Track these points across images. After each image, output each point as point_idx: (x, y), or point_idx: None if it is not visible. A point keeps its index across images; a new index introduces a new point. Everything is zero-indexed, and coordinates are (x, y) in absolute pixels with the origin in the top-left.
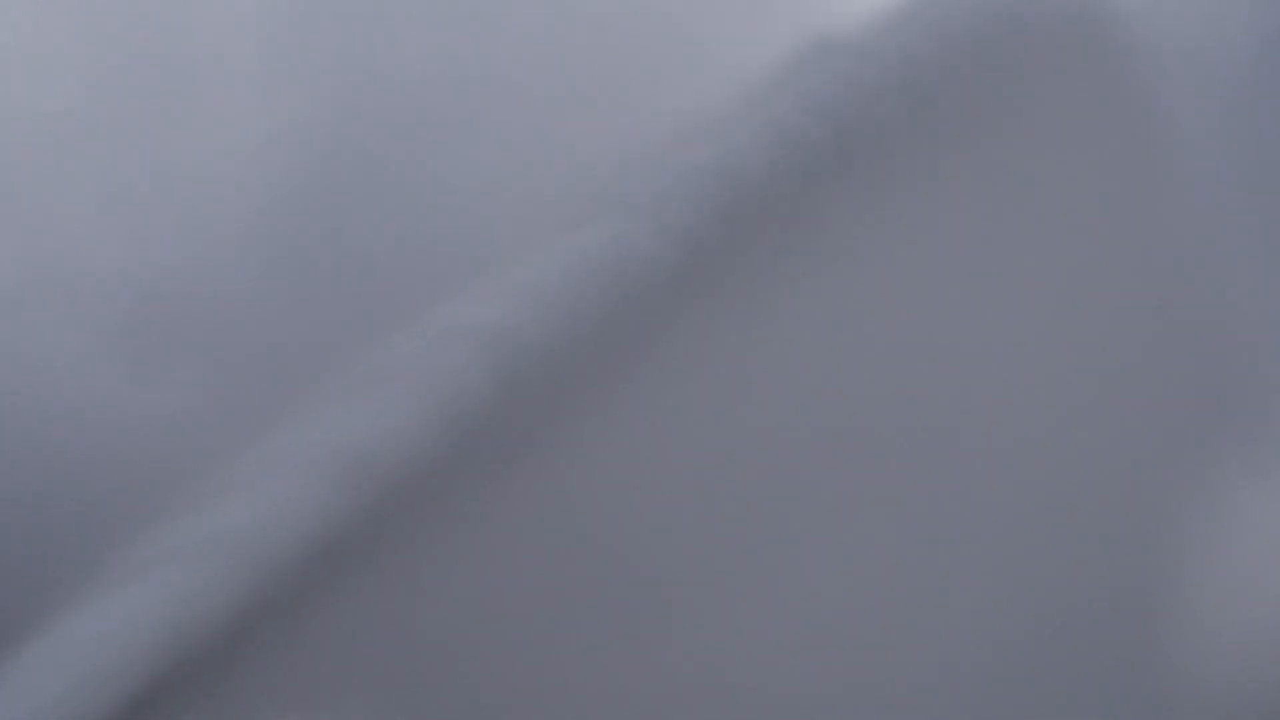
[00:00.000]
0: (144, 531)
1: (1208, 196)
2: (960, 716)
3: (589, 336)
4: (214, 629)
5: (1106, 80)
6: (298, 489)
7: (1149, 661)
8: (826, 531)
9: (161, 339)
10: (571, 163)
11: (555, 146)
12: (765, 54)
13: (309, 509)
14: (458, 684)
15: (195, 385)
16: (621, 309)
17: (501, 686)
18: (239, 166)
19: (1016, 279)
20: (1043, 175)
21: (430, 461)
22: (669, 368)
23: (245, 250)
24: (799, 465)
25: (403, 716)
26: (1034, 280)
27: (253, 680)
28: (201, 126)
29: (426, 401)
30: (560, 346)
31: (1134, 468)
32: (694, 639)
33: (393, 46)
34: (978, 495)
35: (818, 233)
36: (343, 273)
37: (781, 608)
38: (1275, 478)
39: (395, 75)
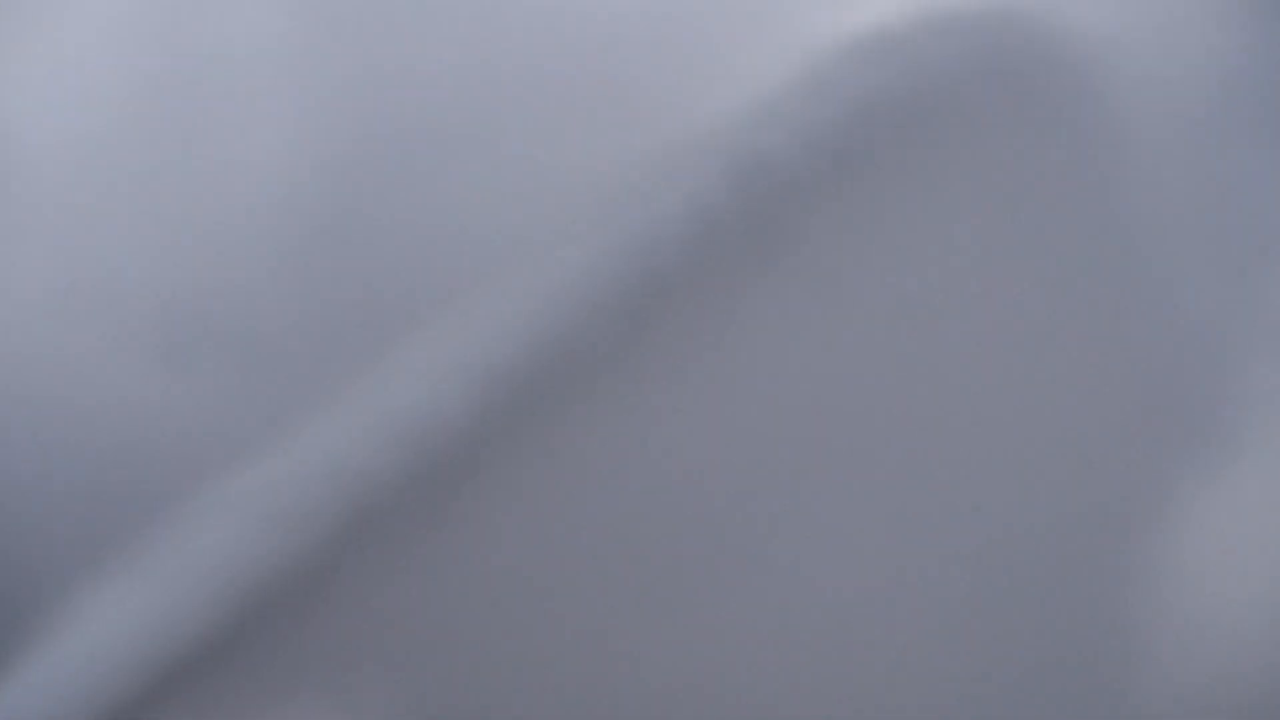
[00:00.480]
0: (167, 517)
1: (1171, 235)
2: (949, 716)
3: (594, 339)
4: (232, 614)
5: (1067, 119)
6: (315, 484)
7: (1126, 666)
8: (813, 533)
9: (190, 341)
10: (576, 173)
11: (558, 159)
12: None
13: (325, 504)
14: (465, 674)
15: (221, 385)
16: (629, 314)
17: (506, 678)
18: (267, 180)
19: (987, 297)
20: (1006, 206)
21: (439, 458)
22: (670, 371)
23: (273, 256)
24: (781, 472)
25: (411, 702)
26: (1003, 301)
27: (264, 666)
28: (230, 145)
29: (438, 401)
30: (566, 350)
31: (1102, 477)
32: (693, 638)
33: (418, 63)
34: (957, 499)
35: (808, 244)
36: (367, 277)
37: (772, 609)
38: (1230, 484)
39: (420, 90)
